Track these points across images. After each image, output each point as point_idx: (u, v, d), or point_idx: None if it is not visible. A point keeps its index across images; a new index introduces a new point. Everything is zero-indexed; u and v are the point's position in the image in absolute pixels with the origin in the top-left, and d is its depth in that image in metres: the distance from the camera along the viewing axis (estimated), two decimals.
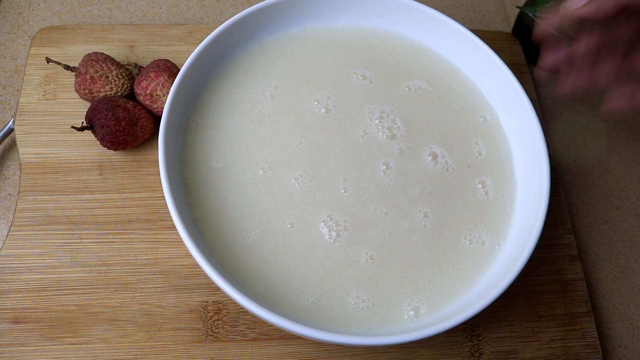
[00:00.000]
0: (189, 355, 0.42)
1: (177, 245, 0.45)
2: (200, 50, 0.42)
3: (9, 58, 0.55)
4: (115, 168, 0.48)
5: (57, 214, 0.46)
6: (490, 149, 0.44)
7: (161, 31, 0.54)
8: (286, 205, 0.40)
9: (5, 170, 0.50)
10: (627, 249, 0.51)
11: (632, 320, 0.48)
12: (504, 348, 0.44)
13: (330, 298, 0.38)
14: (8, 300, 0.43)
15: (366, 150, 0.43)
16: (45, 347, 0.42)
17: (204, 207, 0.40)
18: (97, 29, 0.54)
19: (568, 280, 0.47)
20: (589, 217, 0.52)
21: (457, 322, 0.34)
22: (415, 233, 0.40)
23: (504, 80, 0.44)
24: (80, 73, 0.47)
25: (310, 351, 0.43)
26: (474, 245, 0.41)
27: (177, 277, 0.44)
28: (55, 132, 0.49)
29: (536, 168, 0.41)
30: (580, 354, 0.45)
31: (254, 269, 0.38)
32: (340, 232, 0.40)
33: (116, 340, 0.42)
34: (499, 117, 0.46)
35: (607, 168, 0.54)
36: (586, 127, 0.56)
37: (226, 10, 0.59)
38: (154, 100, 0.47)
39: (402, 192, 0.42)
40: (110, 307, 0.43)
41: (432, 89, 0.46)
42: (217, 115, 0.44)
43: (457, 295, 0.39)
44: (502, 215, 0.42)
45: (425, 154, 0.43)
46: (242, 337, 0.43)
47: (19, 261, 0.44)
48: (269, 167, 0.42)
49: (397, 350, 0.44)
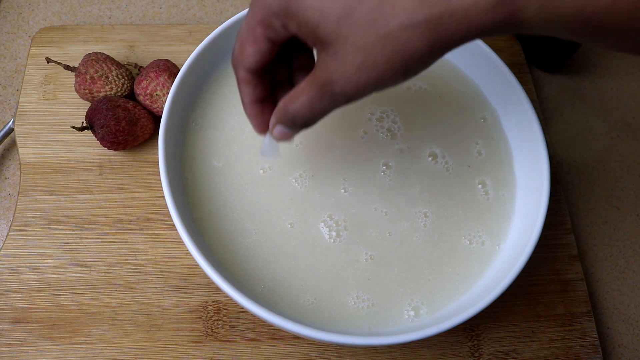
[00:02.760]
0: (189, 355, 0.42)
1: (177, 245, 0.45)
2: (200, 50, 0.42)
3: (9, 58, 0.55)
4: (115, 168, 0.48)
5: (57, 214, 0.46)
6: (490, 149, 0.44)
7: (161, 31, 0.54)
8: (286, 205, 0.40)
9: (5, 170, 0.50)
10: (627, 249, 0.51)
11: (632, 320, 0.48)
12: (504, 348, 0.44)
13: (330, 298, 0.38)
14: (8, 300, 0.43)
15: (366, 150, 0.43)
16: (45, 347, 0.42)
17: (204, 207, 0.40)
18: (97, 29, 0.54)
19: (568, 280, 0.47)
20: (589, 217, 0.52)
21: (457, 322, 0.34)
22: (415, 233, 0.40)
23: (504, 80, 0.44)
24: (80, 73, 0.47)
25: (310, 351, 0.43)
26: (474, 245, 0.41)
27: (177, 277, 0.44)
28: (55, 132, 0.49)
29: (536, 168, 0.41)
30: (580, 354, 0.45)
31: (254, 269, 0.38)
32: (340, 232, 0.40)
33: (116, 340, 0.42)
34: (499, 117, 0.46)
35: (607, 168, 0.54)
36: (586, 127, 0.56)
37: (226, 10, 0.59)
38: (154, 100, 0.47)
39: (402, 192, 0.42)
40: (110, 307, 0.43)
41: (432, 89, 0.46)
42: (217, 115, 0.44)
43: (457, 295, 0.39)
44: (502, 215, 0.42)
45: (425, 154, 0.43)
46: (242, 337, 0.43)
47: (19, 261, 0.44)
48: (269, 167, 0.42)
49: (397, 350, 0.44)
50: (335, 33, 0.26)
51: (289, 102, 0.31)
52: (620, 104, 0.57)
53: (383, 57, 0.26)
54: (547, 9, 0.24)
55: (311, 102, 0.29)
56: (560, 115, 0.56)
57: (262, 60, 0.31)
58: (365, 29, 0.26)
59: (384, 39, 0.26)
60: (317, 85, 0.29)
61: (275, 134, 0.33)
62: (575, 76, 0.58)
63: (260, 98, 0.33)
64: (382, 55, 0.26)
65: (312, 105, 0.30)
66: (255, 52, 0.30)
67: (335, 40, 0.27)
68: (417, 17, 0.25)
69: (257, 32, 0.29)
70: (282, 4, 0.27)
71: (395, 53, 0.26)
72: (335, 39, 0.27)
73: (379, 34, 0.25)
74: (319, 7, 0.26)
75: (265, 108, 0.34)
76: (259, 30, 0.29)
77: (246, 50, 0.30)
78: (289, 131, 0.32)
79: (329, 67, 0.28)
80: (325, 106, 0.29)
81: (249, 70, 0.31)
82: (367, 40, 0.26)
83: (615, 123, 0.56)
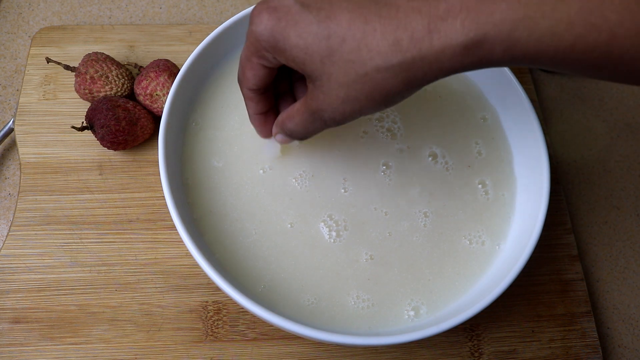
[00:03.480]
0: (189, 355, 0.42)
1: (177, 245, 0.45)
2: (200, 50, 0.42)
3: (9, 58, 0.55)
4: (115, 168, 0.48)
5: (57, 214, 0.46)
6: (490, 149, 0.44)
7: (161, 31, 0.54)
8: (286, 205, 0.40)
9: (5, 170, 0.50)
10: (627, 249, 0.51)
11: (632, 320, 0.48)
12: (504, 348, 0.44)
13: (330, 298, 0.38)
14: (8, 300, 0.43)
15: (366, 150, 0.43)
16: (45, 347, 0.42)
17: (204, 207, 0.40)
18: (97, 29, 0.54)
19: (568, 280, 0.47)
20: (589, 217, 0.52)
21: (457, 322, 0.34)
22: (415, 233, 0.40)
23: (504, 80, 0.44)
24: (80, 73, 0.47)
25: (310, 351, 0.43)
26: (474, 245, 0.41)
27: (177, 277, 0.44)
28: (55, 132, 0.49)
29: (536, 168, 0.41)
30: (580, 354, 0.45)
31: (254, 269, 0.38)
32: (340, 232, 0.40)
33: (116, 340, 0.42)
34: (499, 117, 0.46)
35: (607, 168, 0.54)
36: (586, 127, 0.56)
37: (226, 10, 0.59)
38: (154, 100, 0.47)
39: (402, 192, 0.42)
40: (110, 307, 0.43)
41: (432, 89, 0.46)
42: (217, 115, 0.44)
43: (457, 295, 0.39)
44: (502, 215, 0.42)
45: (425, 154, 0.43)
46: (242, 337, 0.43)
47: (19, 261, 0.44)
48: (269, 167, 0.42)
49: (397, 350, 0.44)
50: (320, 70, 0.29)
51: (287, 120, 0.35)
52: (620, 104, 0.57)
53: (363, 93, 0.29)
54: (512, 52, 0.26)
55: (305, 123, 0.33)
56: (560, 115, 0.56)
57: (262, 82, 0.34)
58: (346, 69, 0.28)
59: (363, 78, 0.28)
60: (309, 110, 0.32)
61: (277, 139, 0.37)
62: (575, 76, 0.58)
63: (263, 111, 0.37)
64: (362, 91, 0.29)
65: (306, 127, 0.33)
66: (254, 76, 0.33)
67: (320, 75, 0.29)
68: (390, 61, 0.27)
69: (253, 60, 0.32)
70: (270, 42, 0.30)
71: (374, 90, 0.28)
72: (320, 75, 0.29)
73: (358, 74, 0.28)
74: (304, 46, 0.29)
75: (268, 118, 0.37)
76: (254, 59, 0.32)
77: (246, 74, 0.33)
78: (289, 139, 0.36)
79: (318, 97, 0.30)
80: (317, 127, 0.33)
81: (252, 90, 0.35)
82: (349, 78, 0.28)
83: (615, 123, 0.56)
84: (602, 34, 0.24)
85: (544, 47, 0.25)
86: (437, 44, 0.26)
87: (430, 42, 0.26)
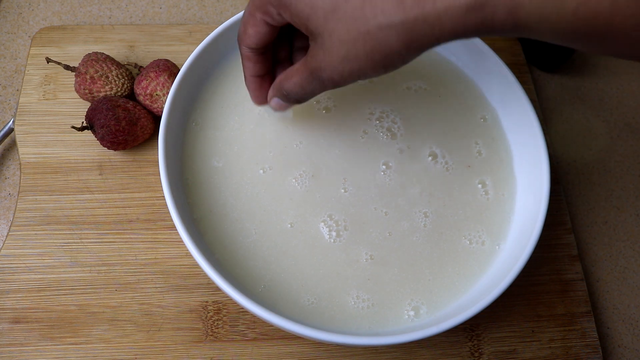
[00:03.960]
0: (189, 355, 0.42)
1: (177, 245, 0.45)
2: (200, 50, 0.42)
3: (9, 58, 0.55)
4: (115, 168, 0.48)
5: (57, 214, 0.46)
6: (490, 149, 0.44)
7: (161, 31, 0.54)
8: (286, 205, 0.40)
9: (5, 170, 0.50)
10: (627, 249, 0.51)
11: (632, 320, 0.48)
12: (504, 348, 0.44)
13: (330, 298, 0.38)
14: (8, 300, 0.43)
15: (366, 150, 0.43)
16: (45, 347, 0.42)
17: (204, 207, 0.40)
18: (97, 29, 0.54)
19: (568, 280, 0.47)
20: (589, 217, 0.52)
21: (457, 322, 0.34)
22: (415, 233, 0.40)
23: (504, 80, 0.44)
24: (80, 73, 0.47)
25: (310, 351, 0.43)
26: (474, 245, 0.41)
27: (177, 277, 0.44)
28: (55, 132, 0.49)
29: (536, 168, 0.41)
30: (580, 354, 0.45)
31: (254, 269, 0.38)
32: (340, 232, 0.40)
33: (116, 340, 0.42)
34: (499, 117, 0.46)
35: (607, 168, 0.54)
36: (586, 127, 0.56)
37: (226, 10, 0.59)
38: (154, 100, 0.47)
39: (402, 192, 0.42)
40: (110, 307, 0.43)
41: (432, 89, 0.46)
42: (217, 115, 0.44)
43: (457, 295, 0.39)
44: (502, 215, 0.42)
45: (425, 154, 0.43)
46: (242, 337, 0.43)
47: (18, 261, 0.44)
48: (269, 167, 0.42)
49: (397, 350, 0.44)
50: (322, 26, 0.29)
51: (285, 80, 0.34)
52: (620, 104, 0.57)
53: (364, 52, 0.29)
54: (514, 16, 0.26)
55: (303, 83, 0.33)
56: (560, 115, 0.56)
57: (262, 41, 0.34)
58: (349, 25, 0.28)
59: (365, 36, 0.28)
60: (308, 69, 0.32)
61: (272, 104, 0.37)
62: (575, 76, 0.58)
63: (260, 73, 0.37)
64: (363, 50, 0.29)
65: (304, 86, 0.33)
66: (256, 34, 0.33)
67: (322, 32, 0.29)
68: (393, 19, 0.27)
69: (257, 16, 0.32)
70: None
71: (375, 49, 0.28)
72: (322, 32, 0.29)
73: (360, 31, 0.28)
74: (309, 1, 0.29)
75: (264, 83, 0.37)
76: (258, 14, 0.32)
77: (248, 31, 0.33)
78: (284, 104, 0.36)
79: (318, 55, 0.30)
80: (315, 88, 0.33)
81: (251, 48, 0.34)
82: (350, 35, 0.28)
83: (615, 123, 0.56)
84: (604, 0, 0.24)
85: (547, 12, 0.25)
86: (440, 3, 0.26)
87: (433, 1, 0.26)
